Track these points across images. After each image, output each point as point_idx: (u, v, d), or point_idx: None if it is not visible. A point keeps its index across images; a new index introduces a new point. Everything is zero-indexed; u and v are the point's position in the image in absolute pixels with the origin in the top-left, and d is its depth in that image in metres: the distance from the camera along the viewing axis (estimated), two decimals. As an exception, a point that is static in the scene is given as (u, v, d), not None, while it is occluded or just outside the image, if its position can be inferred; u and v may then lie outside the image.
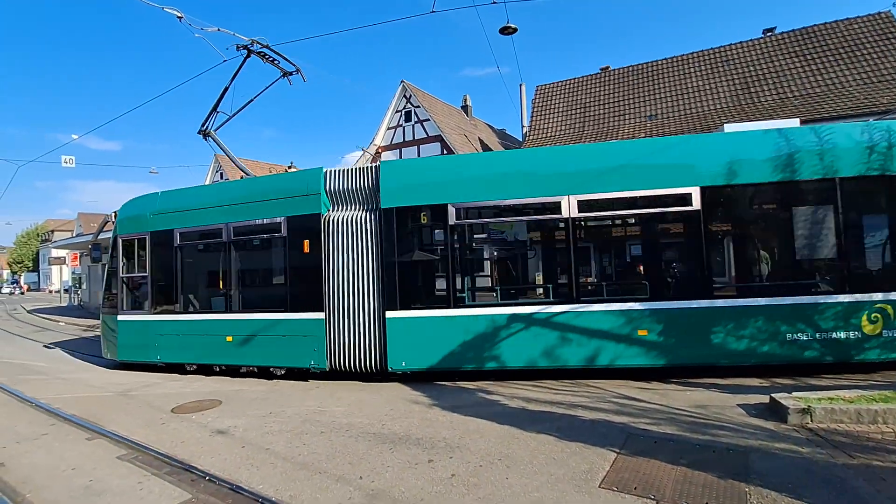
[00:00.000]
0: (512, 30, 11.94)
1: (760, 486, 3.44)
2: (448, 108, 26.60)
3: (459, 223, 7.07)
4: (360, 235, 7.27)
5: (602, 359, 6.56)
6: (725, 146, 6.60)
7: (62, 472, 4.38)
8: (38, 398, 7.00)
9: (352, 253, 7.27)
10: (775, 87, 15.41)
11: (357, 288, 7.24)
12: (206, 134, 9.36)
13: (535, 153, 7.81)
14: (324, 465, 4.22)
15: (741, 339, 6.28)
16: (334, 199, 7.62)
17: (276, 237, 7.84)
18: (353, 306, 7.24)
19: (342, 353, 7.26)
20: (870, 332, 6.04)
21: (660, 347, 6.44)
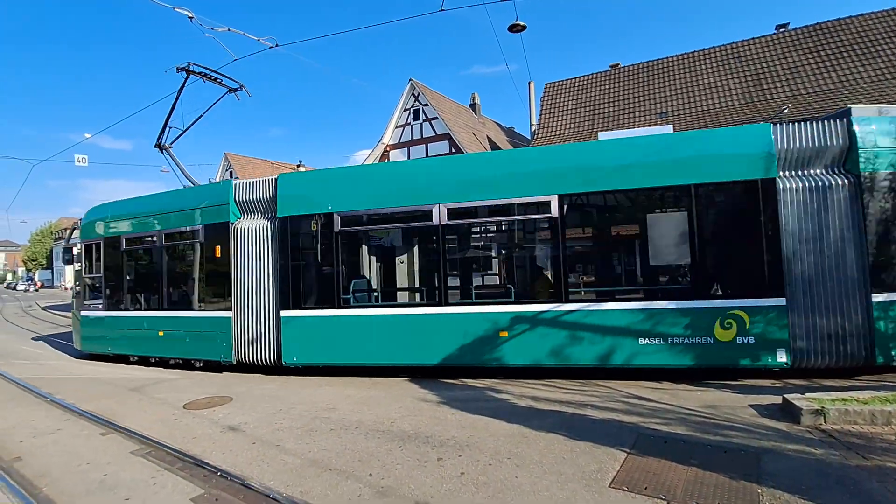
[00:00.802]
0: (521, 27, 11.89)
1: (773, 487, 3.40)
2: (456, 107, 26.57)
3: (344, 230, 7.64)
4: (261, 242, 8.02)
5: (468, 358, 6.95)
6: (583, 155, 6.95)
7: (77, 466, 4.45)
8: (53, 394, 7.12)
9: (254, 257, 8.04)
10: (788, 83, 15.22)
11: (258, 289, 8.00)
12: (162, 148, 10.06)
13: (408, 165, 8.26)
14: (334, 462, 4.24)
15: (595, 344, 6.49)
16: (242, 209, 8.37)
17: (196, 243, 8.68)
18: (254, 306, 8.01)
19: (246, 348, 8.04)
20: (724, 338, 6.11)
21: (519, 348, 6.74)
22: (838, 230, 5.96)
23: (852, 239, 5.92)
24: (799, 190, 6.06)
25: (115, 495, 3.82)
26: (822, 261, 5.96)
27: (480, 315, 6.96)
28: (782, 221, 6.05)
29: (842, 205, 5.95)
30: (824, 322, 5.93)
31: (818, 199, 6.01)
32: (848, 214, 5.94)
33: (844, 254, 5.93)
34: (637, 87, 18.23)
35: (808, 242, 6.01)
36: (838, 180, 5.99)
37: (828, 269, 5.95)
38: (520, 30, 11.89)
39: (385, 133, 24.78)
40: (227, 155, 34.66)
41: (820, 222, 6.00)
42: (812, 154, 6.14)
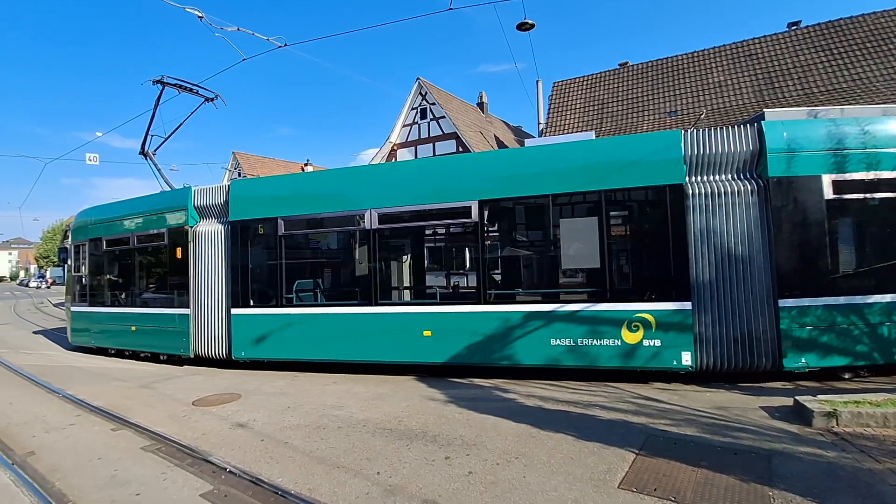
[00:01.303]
0: (529, 26, 11.85)
1: (785, 489, 3.37)
2: (464, 105, 26.54)
3: (287, 233, 8.15)
4: (215, 244, 8.61)
5: (395, 355, 7.35)
6: (502, 162, 7.22)
7: (89, 461, 4.50)
8: (65, 389, 7.20)
9: (209, 259, 8.63)
10: (800, 82, 15.04)
11: (212, 289, 8.59)
12: (146, 155, 10.71)
13: (344, 172, 8.61)
14: (341, 460, 4.26)
15: (510, 344, 6.71)
16: (200, 214, 8.95)
17: (162, 245, 9.34)
18: (208, 304, 8.59)
19: (201, 343, 8.66)
20: (630, 340, 6.22)
21: (441, 347, 7.05)
22: (747, 235, 6.00)
23: (760, 244, 5.96)
24: (707, 195, 6.12)
25: (126, 490, 3.86)
26: (730, 265, 6.00)
27: (406, 315, 7.37)
28: (690, 226, 6.12)
29: (751, 210, 6.00)
30: (731, 327, 5.97)
31: (727, 204, 6.06)
32: (757, 219, 5.97)
33: (752, 259, 5.96)
34: (646, 86, 18.10)
35: (716, 247, 6.05)
36: (748, 185, 6.04)
37: (735, 273, 6.00)
38: (528, 28, 11.86)
39: (392, 132, 24.80)
40: (235, 154, 34.85)
41: (729, 227, 6.04)
42: (723, 159, 6.19)
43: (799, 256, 5.91)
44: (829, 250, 5.88)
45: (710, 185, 6.17)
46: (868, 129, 5.90)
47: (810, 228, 5.88)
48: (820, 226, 5.87)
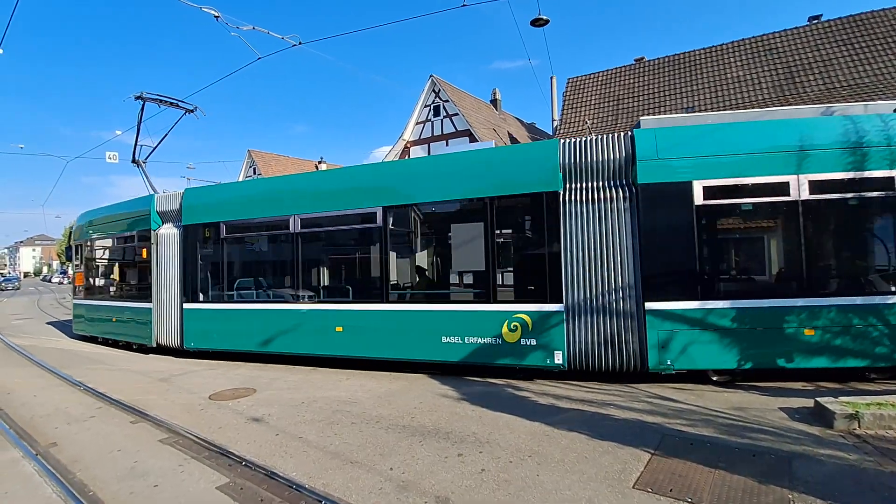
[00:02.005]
0: (543, 21, 11.74)
1: (804, 492, 3.30)
2: (477, 103, 26.45)
3: (228, 236, 9.00)
4: (171, 246, 9.48)
5: (314, 348, 7.96)
6: (403, 171, 7.79)
7: (109, 453, 4.59)
8: (86, 382, 7.37)
9: (167, 259, 9.51)
10: (822, 77, 14.70)
11: (169, 286, 9.47)
12: (137, 163, 11.75)
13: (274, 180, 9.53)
14: (355, 455, 4.28)
15: (408, 340, 7.25)
16: (162, 218, 9.84)
17: (133, 246, 10.48)
18: (166, 299, 9.51)
19: (161, 334, 9.63)
20: (510, 339, 6.59)
21: (352, 342, 7.64)
22: (618, 240, 6.22)
23: (630, 249, 6.18)
24: (582, 202, 6.38)
25: (144, 482, 3.93)
26: (601, 270, 6.25)
27: (322, 311, 7.97)
28: (564, 232, 6.39)
29: (622, 216, 6.22)
30: (600, 328, 6.22)
31: (600, 210, 6.31)
32: (627, 225, 6.20)
33: (622, 263, 6.19)
34: (662, 82, 17.85)
35: (588, 252, 6.31)
36: (620, 192, 6.27)
37: (606, 277, 6.23)
38: (542, 24, 11.75)
39: (406, 129, 24.84)
40: (250, 152, 35.25)
41: (600, 233, 6.27)
42: (597, 167, 6.44)
43: (665, 261, 6.11)
44: (697, 255, 6.04)
45: (585, 193, 6.44)
46: (736, 134, 6.06)
47: (678, 234, 6.07)
48: (688, 231, 6.03)
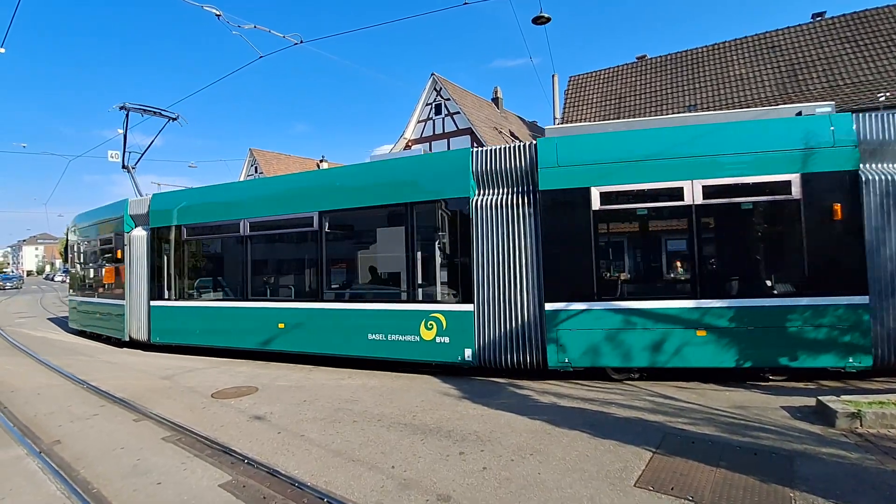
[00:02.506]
0: (545, 19, 11.70)
1: (806, 491, 3.30)
2: (478, 101, 26.42)
3: (188, 238, 9.69)
4: (141, 247, 10.17)
5: (258, 344, 8.58)
6: (337, 178, 8.36)
7: (112, 450, 4.61)
8: (89, 381, 7.40)
9: (137, 259, 10.24)
10: (825, 74, 14.65)
11: (139, 284, 10.20)
12: (127, 168, 12.65)
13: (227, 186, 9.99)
14: (357, 454, 4.30)
15: (339, 336, 7.73)
16: (135, 221, 10.54)
17: (111, 247, 11.19)
18: (136, 296, 10.24)
19: (133, 329, 10.36)
20: (427, 337, 7.02)
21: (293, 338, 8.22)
22: (522, 244, 6.56)
23: (533, 252, 6.51)
24: (490, 207, 6.72)
25: (147, 479, 3.95)
26: (507, 272, 6.59)
27: (266, 310, 8.58)
28: (474, 236, 6.74)
29: (526, 221, 6.55)
30: (505, 328, 6.59)
31: (506, 215, 6.65)
32: (531, 230, 6.52)
33: (526, 267, 6.53)
34: (664, 80, 17.81)
35: (496, 255, 6.65)
36: (524, 199, 6.62)
37: (512, 280, 6.57)
38: (544, 22, 11.71)
39: (407, 128, 24.83)
40: (252, 150, 35.26)
41: (507, 237, 6.61)
42: (505, 175, 6.78)
43: (565, 264, 6.42)
44: (594, 259, 6.30)
45: (493, 199, 6.78)
46: (632, 141, 6.31)
47: (576, 238, 6.36)
48: (585, 235, 6.31)
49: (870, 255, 5.61)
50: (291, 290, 8.62)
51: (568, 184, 6.38)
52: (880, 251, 5.61)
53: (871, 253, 5.61)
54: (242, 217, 8.79)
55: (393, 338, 7.30)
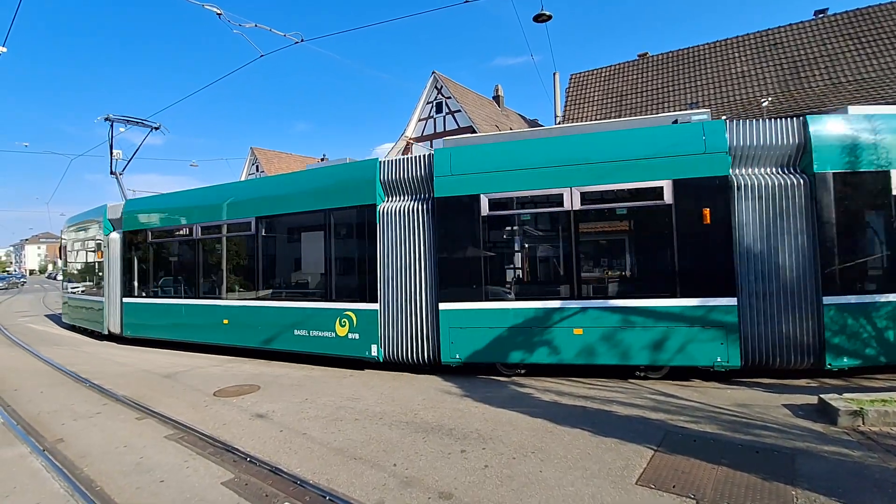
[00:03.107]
0: (546, 17, 11.67)
1: (808, 489, 3.30)
2: (479, 99, 26.38)
3: (153, 241, 10.75)
4: (116, 248, 11.22)
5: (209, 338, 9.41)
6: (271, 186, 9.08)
7: (115, 448, 4.63)
8: (92, 379, 7.42)
9: (113, 259, 11.25)
10: (827, 71, 14.59)
11: (114, 282, 11.21)
12: (115, 174, 13.77)
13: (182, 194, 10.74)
14: (358, 452, 4.31)
15: (272, 331, 8.38)
16: (112, 225, 11.57)
17: (93, 249, 12.16)
18: (112, 294, 11.24)
19: (110, 324, 11.37)
20: (341, 333, 7.57)
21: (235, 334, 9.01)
22: (420, 248, 7.06)
23: (429, 256, 7.02)
24: (393, 214, 7.23)
25: (150, 477, 3.97)
26: (408, 274, 7.09)
27: (213, 307, 9.37)
28: (379, 240, 7.28)
29: (423, 226, 7.03)
30: (404, 326, 7.12)
31: (407, 221, 7.14)
32: (427, 234, 7.01)
33: (423, 269, 7.05)
34: (666, 77, 17.75)
35: (398, 258, 7.17)
36: (422, 205, 7.08)
37: (411, 281, 7.09)
38: (545, 19, 11.67)
39: (408, 126, 24.80)
40: (253, 149, 35.27)
41: (407, 241, 7.12)
42: (406, 184, 7.30)
43: (456, 267, 6.87)
44: (482, 261, 6.76)
45: (396, 206, 7.29)
46: (517, 150, 6.72)
47: (467, 242, 6.81)
48: (475, 239, 6.77)
49: (738, 258, 5.87)
50: (235, 288, 9.34)
51: (460, 191, 6.83)
52: (749, 254, 5.88)
53: (740, 256, 5.88)
54: (195, 222, 9.76)
55: (314, 333, 7.87)
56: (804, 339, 5.75)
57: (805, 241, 5.78)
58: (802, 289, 5.78)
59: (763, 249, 5.87)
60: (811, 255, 5.76)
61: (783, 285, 5.82)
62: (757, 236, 5.89)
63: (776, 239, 5.86)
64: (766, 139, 5.98)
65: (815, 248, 5.74)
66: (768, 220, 5.89)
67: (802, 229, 5.79)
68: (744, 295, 5.85)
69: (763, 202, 5.88)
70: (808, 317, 5.75)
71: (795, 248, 5.80)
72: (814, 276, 5.75)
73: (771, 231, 5.88)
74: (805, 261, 5.78)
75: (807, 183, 5.80)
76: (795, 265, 5.80)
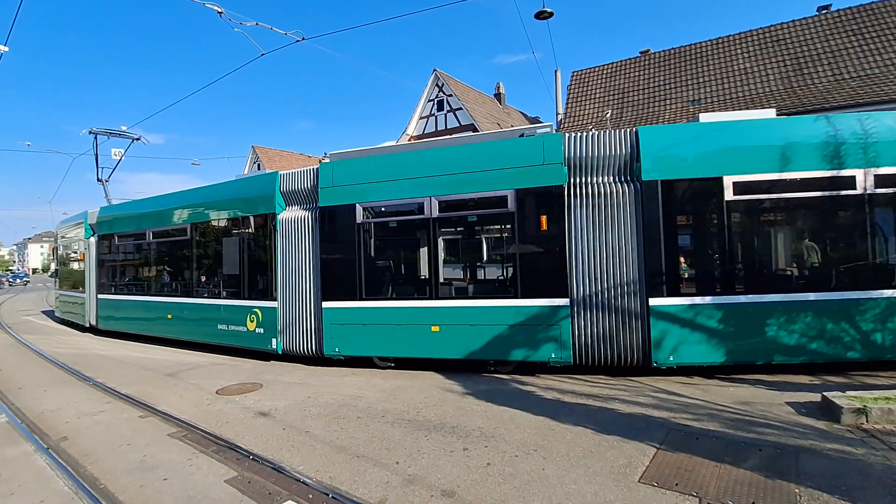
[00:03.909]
0: (548, 14, 11.65)
1: (811, 487, 3.30)
2: (481, 97, 26.34)
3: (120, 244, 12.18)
4: (93, 250, 12.79)
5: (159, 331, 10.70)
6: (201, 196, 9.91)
7: (119, 446, 4.65)
8: (95, 377, 7.45)
9: (92, 260, 12.73)
10: (830, 68, 14.51)
11: (92, 280, 12.76)
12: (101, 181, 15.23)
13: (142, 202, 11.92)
14: (361, 450, 4.31)
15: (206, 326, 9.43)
16: (92, 229, 12.89)
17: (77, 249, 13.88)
18: (91, 291, 12.81)
19: (90, 317, 12.89)
20: (251, 328, 8.57)
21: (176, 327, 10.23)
22: (308, 254, 7.94)
23: (315, 260, 7.87)
24: (287, 221, 8.17)
25: (154, 475, 3.98)
26: (300, 276, 7.97)
27: (160, 303, 10.72)
28: (278, 246, 8.16)
29: (309, 233, 7.96)
30: (298, 322, 7.96)
31: (296, 229, 8.05)
32: (314, 241, 7.91)
33: (311, 272, 7.90)
34: (668, 74, 17.67)
35: (291, 262, 8.05)
36: (309, 214, 8.03)
37: (303, 282, 7.93)
38: (547, 17, 11.66)
39: (409, 124, 24.79)
40: (254, 148, 35.28)
41: (298, 247, 7.99)
42: (298, 195, 8.23)
43: (337, 269, 7.66)
44: (358, 264, 7.49)
45: (289, 214, 8.21)
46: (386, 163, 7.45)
47: (346, 246, 7.59)
48: (352, 244, 7.51)
49: (572, 263, 6.34)
50: (178, 287, 10.57)
51: (340, 201, 7.61)
52: (582, 259, 6.34)
53: (574, 260, 6.34)
54: (148, 227, 11.01)
55: (232, 328, 8.92)
56: (632, 338, 6.15)
57: (634, 245, 6.20)
58: (630, 291, 6.18)
59: (595, 254, 6.30)
60: (639, 259, 6.15)
61: (612, 288, 6.24)
62: (589, 242, 6.33)
63: (608, 244, 6.29)
64: (601, 150, 6.42)
65: (643, 253, 6.13)
66: (601, 226, 6.33)
67: (632, 235, 6.19)
68: (576, 297, 6.31)
69: (596, 209, 6.31)
70: (636, 317, 6.13)
71: (625, 253, 6.22)
72: (641, 279, 6.14)
73: (603, 236, 6.32)
74: (633, 265, 6.17)
75: (637, 190, 6.18)
76: (624, 269, 6.21)
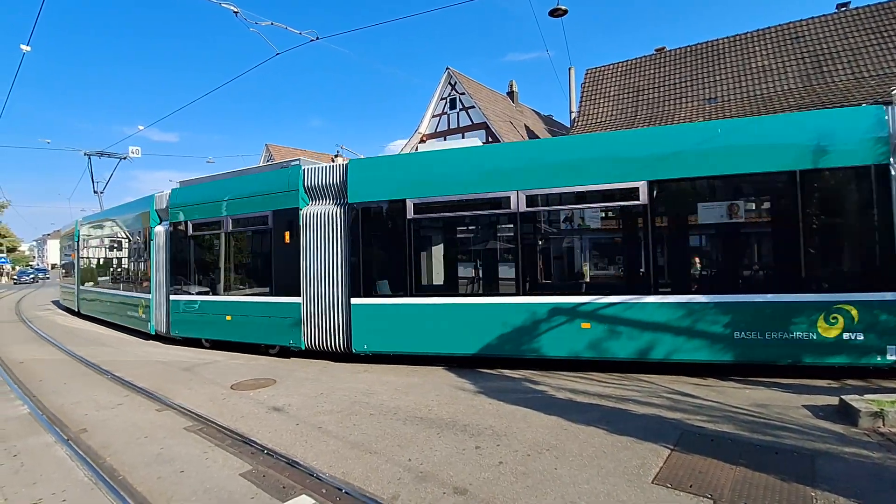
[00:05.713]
0: (562, 12, 11.60)
1: (828, 490, 3.25)
2: (493, 95, 26.26)
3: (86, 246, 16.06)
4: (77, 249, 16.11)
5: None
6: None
7: (136, 439, 4.74)
8: (114, 371, 7.59)
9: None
10: (850, 65, 14.21)
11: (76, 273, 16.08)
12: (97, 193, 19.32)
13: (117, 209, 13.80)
14: (373, 446, 4.35)
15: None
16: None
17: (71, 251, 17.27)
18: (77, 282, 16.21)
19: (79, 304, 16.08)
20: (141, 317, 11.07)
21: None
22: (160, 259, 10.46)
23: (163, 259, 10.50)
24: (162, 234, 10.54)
25: (171, 467, 4.06)
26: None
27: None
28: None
29: (159, 244, 10.54)
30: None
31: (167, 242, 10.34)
32: (163, 249, 10.41)
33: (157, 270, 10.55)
34: (684, 72, 17.45)
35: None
36: (161, 229, 10.45)
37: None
38: (561, 14, 11.60)
39: (422, 122, 24.80)
40: (267, 146, 35.59)
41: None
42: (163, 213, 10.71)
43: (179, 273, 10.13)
44: (188, 267, 9.96)
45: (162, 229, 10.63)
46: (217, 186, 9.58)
47: (177, 259, 10.13)
48: (186, 252, 9.97)
49: (303, 269, 8.12)
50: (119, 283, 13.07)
51: (178, 219, 9.98)
52: (310, 266, 8.10)
53: (305, 267, 8.13)
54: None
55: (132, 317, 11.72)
56: (339, 330, 7.80)
57: (344, 255, 7.80)
58: (339, 293, 7.82)
59: (319, 263, 7.99)
60: (347, 267, 7.78)
61: (328, 290, 7.92)
62: (315, 253, 8.05)
63: (326, 255, 7.95)
64: (326, 179, 8.09)
65: (348, 262, 7.77)
66: (322, 241, 8.00)
67: (342, 247, 7.82)
68: (306, 296, 8.08)
69: (319, 227, 8.02)
70: (341, 314, 7.79)
71: (337, 262, 7.86)
72: (347, 283, 7.76)
73: (323, 249, 7.99)
74: (343, 272, 7.79)
75: (346, 211, 7.79)
76: (337, 275, 7.85)
